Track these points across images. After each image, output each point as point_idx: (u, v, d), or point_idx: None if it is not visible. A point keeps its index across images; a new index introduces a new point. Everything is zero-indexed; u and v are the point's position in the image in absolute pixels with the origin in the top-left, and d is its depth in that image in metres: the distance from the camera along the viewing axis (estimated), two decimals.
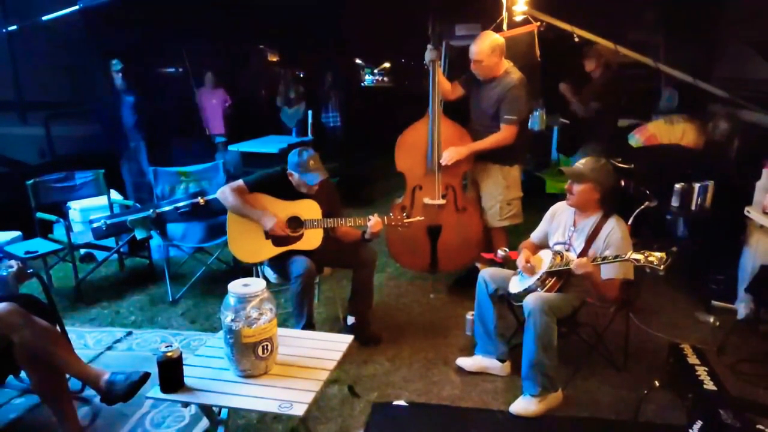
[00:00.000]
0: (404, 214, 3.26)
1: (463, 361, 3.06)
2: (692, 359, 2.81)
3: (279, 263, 3.22)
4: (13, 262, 2.60)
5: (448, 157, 3.66)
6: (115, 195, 4.78)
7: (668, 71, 4.86)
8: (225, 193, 3.17)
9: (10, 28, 5.29)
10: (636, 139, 4.94)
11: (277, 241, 3.18)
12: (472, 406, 2.77)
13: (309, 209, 3.20)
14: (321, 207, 3.21)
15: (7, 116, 5.59)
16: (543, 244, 3.05)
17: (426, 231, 3.86)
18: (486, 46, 3.54)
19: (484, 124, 3.72)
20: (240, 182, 3.21)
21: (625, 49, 4.56)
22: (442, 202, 3.79)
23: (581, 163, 2.84)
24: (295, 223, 3.20)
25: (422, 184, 3.80)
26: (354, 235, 3.36)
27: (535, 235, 3.11)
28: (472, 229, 3.86)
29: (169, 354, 2.07)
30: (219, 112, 7.10)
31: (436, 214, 3.81)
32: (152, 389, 2.12)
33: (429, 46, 3.62)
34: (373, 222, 3.18)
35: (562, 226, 2.95)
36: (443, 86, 3.82)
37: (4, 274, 2.51)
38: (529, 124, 4.82)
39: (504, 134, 3.60)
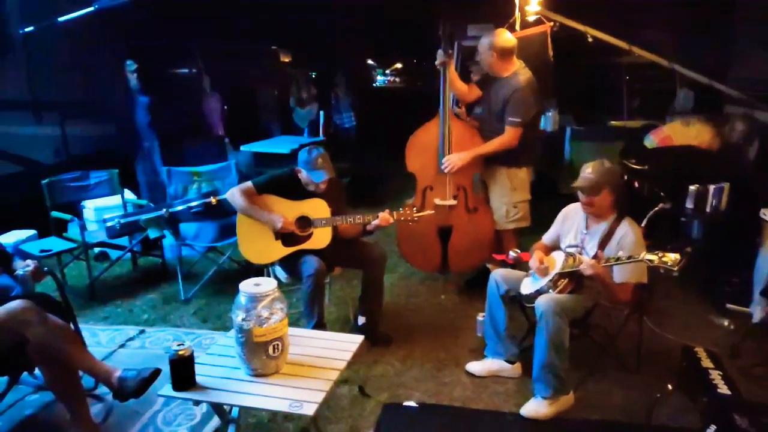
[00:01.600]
0: (414, 209, 3.21)
1: (473, 366, 3.05)
2: (706, 363, 2.76)
3: (290, 263, 3.22)
4: (29, 261, 2.64)
5: (450, 164, 3.64)
6: (128, 194, 4.83)
7: (684, 72, 4.81)
8: (234, 195, 3.18)
9: (26, 30, 5.35)
10: (651, 141, 4.89)
11: (287, 241, 3.19)
12: (483, 408, 2.77)
13: (317, 208, 3.20)
14: (329, 206, 3.21)
15: (23, 116, 5.65)
16: (555, 246, 3.02)
17: (437, 231, 3.85)
18: (485, 42, 3.60)
19: (492, 124, 3.69)
20: (249, 184, 3.22)
21: (640, 49, 4.52)
22: (453, 202, 3.77)
23: (590, 172, 2.75)
24: (304, 222, 3.20)
25: (433, 184, 3.79)
26: (355, 231, 3.34)
27: (547, 237, 3.09)
28: (483, 230, 3.84)
29: (181, 352, 2.09)
30: (217, 114, 7.17)
31: (447, 214, 3.80)
32: (164, 387, 2.14)
33: (440, 51, 3.62)
34: (381, 217, 3.14)
35: (574, 229, 2.93)
36: (459, 88, 3.81)
37: (22, 273, 2.54)
38: (542, 124, 4.78)
39: (507, 136, 3.56)
